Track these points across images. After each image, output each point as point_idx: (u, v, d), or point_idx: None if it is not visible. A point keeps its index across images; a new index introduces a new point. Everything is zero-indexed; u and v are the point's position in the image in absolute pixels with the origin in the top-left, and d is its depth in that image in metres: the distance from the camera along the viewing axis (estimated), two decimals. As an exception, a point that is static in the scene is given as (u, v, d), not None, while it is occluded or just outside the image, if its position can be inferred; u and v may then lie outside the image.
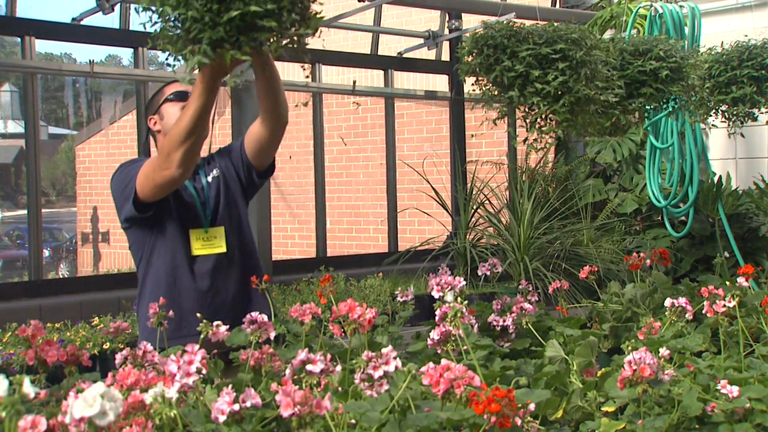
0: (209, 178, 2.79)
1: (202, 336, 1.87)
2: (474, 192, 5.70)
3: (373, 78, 6.53)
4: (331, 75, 6.75)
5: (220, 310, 2.60)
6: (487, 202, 5.72)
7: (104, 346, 3.92)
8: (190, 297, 2.66)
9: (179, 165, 2.42)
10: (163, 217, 2.68)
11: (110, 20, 4.89)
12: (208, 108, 2.35)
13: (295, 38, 1.97)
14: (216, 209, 2.76)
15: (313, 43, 2.09)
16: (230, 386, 1.44)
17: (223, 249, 2.72)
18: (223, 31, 1.83)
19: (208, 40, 1.83)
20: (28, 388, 1.38)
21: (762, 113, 3.61)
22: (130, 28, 5.05)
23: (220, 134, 2.44)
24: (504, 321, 2.47)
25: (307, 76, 2.65)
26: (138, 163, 2.64)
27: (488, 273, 2.81)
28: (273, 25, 1.86)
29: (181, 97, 2.74)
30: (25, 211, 4.99)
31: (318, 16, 1.99)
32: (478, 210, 5.69)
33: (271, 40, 1.93)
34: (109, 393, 1.20)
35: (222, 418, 1.37)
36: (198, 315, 1.97)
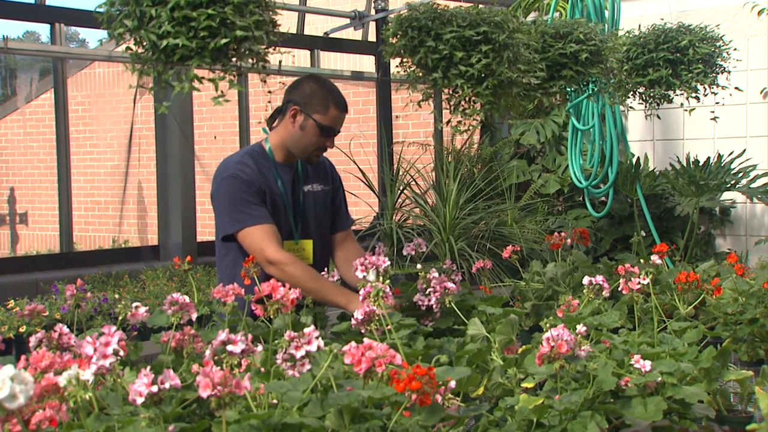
0: (305, 189, 2.86)
1: (120, 318, 1.83)
2: (400, 173, 5.72)
3: (300, 58, 6.46)
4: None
5: None
6: (413, 183, 5.75)
7: (20, 330, 3.80)
8: None
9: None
10: None
11: (26, -6, 4.72)
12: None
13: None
14: (307, 222, 2.83)
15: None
16: (148, 368, 1.41)
17: (309, 261, 2.78)
18: (209, 57, 1.81)
19: (196, 66, 1.81)
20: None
21: (677, 95, 3.71)
22: (47, 3, 4.88)
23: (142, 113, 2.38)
24: (428, 300, 2.49)
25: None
26: (240, 183, 2.69)
27: (413, 253, 2.83)
28: (258, 48, 1.87)
29: (330, 134, 2.79)
30: (-64, 192, 4.79)
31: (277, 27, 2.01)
32: (405, 191, 5.71)
33: (251, 60, 1.94)
34: (20, 376, 1.16)
35: (140, 400, 1.35)
36: (117, 296, 1.94)
